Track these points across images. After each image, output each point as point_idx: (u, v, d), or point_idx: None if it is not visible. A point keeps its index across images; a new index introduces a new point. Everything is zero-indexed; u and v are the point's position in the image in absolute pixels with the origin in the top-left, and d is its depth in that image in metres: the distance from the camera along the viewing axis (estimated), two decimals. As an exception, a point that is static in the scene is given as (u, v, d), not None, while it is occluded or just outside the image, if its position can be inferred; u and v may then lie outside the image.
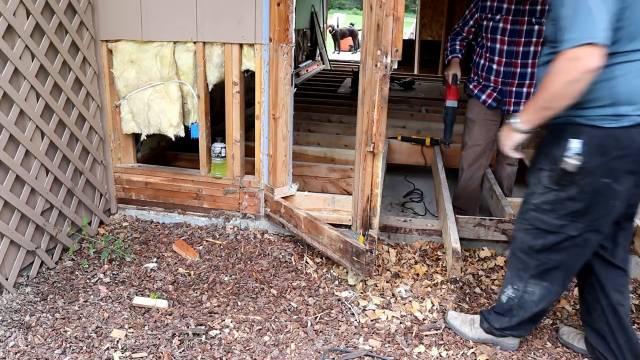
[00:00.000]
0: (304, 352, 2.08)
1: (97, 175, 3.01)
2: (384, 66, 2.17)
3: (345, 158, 3.72)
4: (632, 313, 2.44)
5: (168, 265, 2.70)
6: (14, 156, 2.34)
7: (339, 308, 2.38)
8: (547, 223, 1.85)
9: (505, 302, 2.06)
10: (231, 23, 2.75)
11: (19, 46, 2.31)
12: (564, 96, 1.61)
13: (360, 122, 2.39)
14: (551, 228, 1.85)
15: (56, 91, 2.61)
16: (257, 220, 3.08)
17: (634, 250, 2.58)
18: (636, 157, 1.70)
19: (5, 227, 2.30)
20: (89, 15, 2.80)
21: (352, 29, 15.25)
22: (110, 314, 2.27)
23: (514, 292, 2.02)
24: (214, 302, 2.38)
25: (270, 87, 2.78)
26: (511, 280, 2.03)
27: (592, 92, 1.63)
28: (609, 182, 1.71)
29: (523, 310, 2.02)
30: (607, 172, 1.70)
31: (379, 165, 2.37)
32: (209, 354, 2.05)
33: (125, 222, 3.13)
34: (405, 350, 2.12)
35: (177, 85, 2.93)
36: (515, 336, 2.13)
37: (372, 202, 2.44)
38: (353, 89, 6.48)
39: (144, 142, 3.43)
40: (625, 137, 1.67)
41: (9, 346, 2.04)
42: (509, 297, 2.04)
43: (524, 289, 1.99)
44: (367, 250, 2.32)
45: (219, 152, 3.03)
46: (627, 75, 1.63)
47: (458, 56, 3.10)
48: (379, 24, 2.15)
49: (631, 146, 1.68)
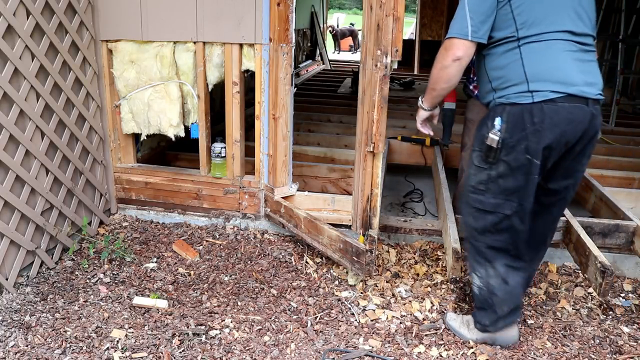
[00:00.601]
0: (304, 352, 2.08)
1: (97, 175, 3.01)
2: (384, 66, 2.17)
3: (345, 158, 3.72)
4: (632, 313, 2.44)
5: (168, 265, 2.70)
6: (14, 156, 2.34)
7: (339, 308, 2.38)
8: (484, 203, 1.97)
9: (479, 294, 2.10)
10: (231, 23, 2.75)
11: (19, 46, 2.31)
12: (440, 79, 1.94)
13: (360, 122, 2.39)
14: (488, 208, 1.96)
15: (56, 91, 2.61)
16: (257, 220, 3.08)
17: (634, 250, 2.58)
18: (551, 131, 1.81)
19: (5, 227, 2.30)
20: (89, 15, 2.80)
21: (352, 29, 15.24)
22: (110, 314, 2.27)
23: (479, 280, 2.08)
24: (214, 302, 2.38)
25: (270, 87, 2.78)
26: (472, 268, 2.11)
27: (508, 74, 1.85)
28: (530, 157, 1.84)
29: (496, 296, 2.05)
30: (527, 147, 1.84)
31: (379, 165, 2.37)
32: (209, 354, 2.05)
33: (125, 222, 3.13)
34: (405, 350, 2.12)
35: (177, 85, 2.93)
36: (509, 325, 2.12)
37: (372, 202, 2.43)
38: (353, 89, 6.48)
39: (144, 142, 3.43)
40: (538, 112, 1.81)
41: (9, 346, 2.04)
42: (478, 287, 2.09)
43: (487, 274, 2.05)
44: (367, 250, 2.32)
45: (219, 152, 3.03)
46: (531, 56, 1.82)
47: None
48: (379, 24, 2.15)
49: (544, 120, 1.81)
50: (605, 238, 2.62)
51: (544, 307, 2.46)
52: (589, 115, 1.84)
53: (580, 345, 2.19)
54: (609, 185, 3.38)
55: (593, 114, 1.86)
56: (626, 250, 2.69)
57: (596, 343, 2.21)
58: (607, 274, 2.13)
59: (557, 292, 2.59)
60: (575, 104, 1.81)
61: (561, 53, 1.82)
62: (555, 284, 2.66)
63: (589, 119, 1.85)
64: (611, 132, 4.72)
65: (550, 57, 1.82)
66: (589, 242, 2.38)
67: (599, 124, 1.92)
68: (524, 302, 2.48)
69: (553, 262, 2.84)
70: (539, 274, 2.73)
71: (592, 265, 2.26)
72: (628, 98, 6.00)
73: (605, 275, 2.14)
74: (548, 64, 1.82)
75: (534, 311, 2.42)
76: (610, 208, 2.85)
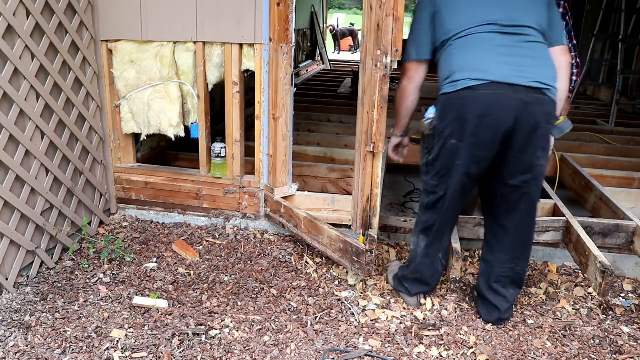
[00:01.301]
0: (304, 352, 2.08)
1: (97, 175, 3.01)
2: (384, 66, 2.17)
3: (345, 158, 3.72)
4: (632, 313, 2.44)
5: (168, 265, 2.70)
6: (14, 156, 2.34)
7: (339, 308, 2.38)
8: (427, 184, 2.19)
9: (410, 253, 2.39)
10: (231, 23, 2.75)
11: (19, 46, 2.31)
12: (401, 99, 2.25)
13: (360, 122, 2.39)
14: (429, 188, 2.18)
15: (56, 91, 2.61)
16: (257, 220, 3.08)
17: (634, 250, 2.58)
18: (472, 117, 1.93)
19: (5, 227, 2.30)
20: (89, 15, 2.80)
21: (352, 29, 15.24)
22: (110, 314, 2.27)
23: (413, 245, 2.34)
24: (214, 302, 2.38)
25: (270, 87, 2.78)
26: (413, 233, 2.37)
27: (443, 70, 2.05)
28: (455, 142, 2.00)
29: (414, 263, 2.32)
30: (452, 133, 2.00)
31: (379, 165, 2.37)
32: (209, 354, 2.05)
33: (125, 222, 3.13)
34: (405, 350, 2.12)
35: (177, 85, 2.93)
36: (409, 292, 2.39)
37: (372, 202, 2.44)
38: (353, 89, 6.47)
39: (144, 142, 3.43)
40: (459, 99, 1.97)
41: (9, 346, 2.04)
42: (411, 249, 2.37)
43: (417, 242, 2.30)
44: (367, 250, 2.32)
45: (219, 152, 3.03)
46: (456, 51, 2.01)
47: None
48: (379, 24, 2.15)
49: (465, 107, 1.96)
50: (605, 238, 2.62)
51: (544, 307, 2.46)
52: (516, 102, 1.90)
53: (580, 345, 2.19)
54: (609, 185, 3.38)
55: (525, 101, 1.91)
56: (626, 250, 2.69)
57: (596, 343, 2.21)
58: (607, 274, 2.13)
59: (557, 292, 2.59)
60: (498, 91, 1.91)
61: (483, 44, 1.98)
62: (555, 284, 2.66)
63: (519, 106, 1.91)
64: (611, 132, 4.72)
65: (472, 49, 1.98)
66: (589, 242, 2.38)
67: (541, 113, 1.95)
68: (524, 302, 2.48)
69: (553, 262, 2.84)
70: (538, 273, 2.73)
71: (592, 265, 2.26)
72: (628, 98, 6.00)
73: (605, 275, 2.14)
74: (470, 55, 1.98)
75: (534, 311, 2.42)
76: (610, 208, 2.85)
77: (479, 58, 1.96)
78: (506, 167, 2.04)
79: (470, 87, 1.94)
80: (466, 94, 1.95)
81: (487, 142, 1.97)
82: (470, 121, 1.94)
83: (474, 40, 1.98)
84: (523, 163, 2.02)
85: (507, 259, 2.20)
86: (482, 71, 1.93)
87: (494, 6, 2.00)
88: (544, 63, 2.00)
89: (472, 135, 1.95)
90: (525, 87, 1.91)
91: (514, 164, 2.02)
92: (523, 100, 1.91)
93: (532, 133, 1.96)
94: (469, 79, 1.94)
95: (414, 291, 2.39)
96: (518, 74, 1.92)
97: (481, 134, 1.95)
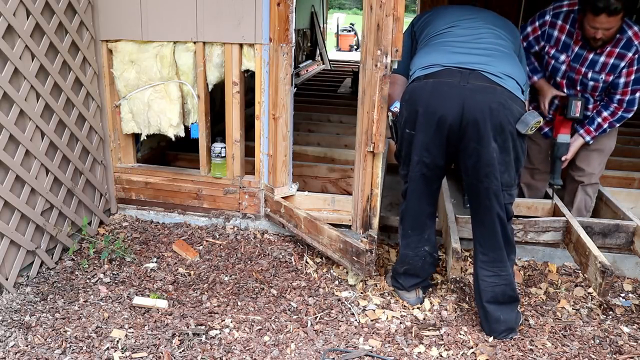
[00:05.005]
0: (304, 352, 2.08)
1: (97, 175, 3.01)
2: (384, 66, 2.17)
3: (345, 158, 3.72)
4: (632, 313, 2.44)
5: (168, 265, 2.70)
6: (14, 156, 2.34)
7: (339, 308, 2.38)
8: (400, 173, 2.30)
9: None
10: (231, 23, 2.75)
11: (19, 46, 2.31)
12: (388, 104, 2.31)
13: (360, 122, 2.39)
14: (401, 177, 2.30)
15: (56, 91, 2.60)
16: (257, 220, 3.08)
17: (634, 250, 2.58)
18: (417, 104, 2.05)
19: (5, 227, 2.30)
20: (89, 15, 2.80)
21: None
22: (110, 314, 2.27)
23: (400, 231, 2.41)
24: (214, 302, 2.38)
25: (270, 87, 2.78)
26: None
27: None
28: (409, 131, 2.11)
29: (399, 255, 2.40)
30: (405, 121, 2.12)
31: (379, 165, 2.37)
32: (209, 354, 2.05)
33: (125, 222, 3.13)
34: (405, 350, 2.12)
35: (177, 85, 2.93)
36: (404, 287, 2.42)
37: (372, 202, 2.44)
38: (353, 89, 6.47)
39: (144, 142, 3.43)
40: (409, 89, 2.14)
41: (9, 346, 2.04)
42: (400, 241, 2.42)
43: (399, 233, 2.40)
44: (367, 250, 2.32)
45: (219, 152, 3.03)
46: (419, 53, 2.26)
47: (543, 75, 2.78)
48: (379, 24, 2.15)
49: (411, 95, 2.10)
50: (605, 238, 2.62)
51: (544, 307, 2.46)
52: (458, 89, 1.97)
53: (580, 345, 2.19)
54: (609, 185, 3.38)
55: (471, 89, 1.96)
56: (626, 250, 2.69)
57: (596, 343, 2.21)
58: (607, 274, 2.13)
59: (557, 292, 2.59)
60: (441, 80, 2.03)
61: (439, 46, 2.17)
62: (555, 284, 2.66)
63: (463, 93, 1.96)
64: (611, 132, 4.71)
65: (429, 50, 2.20)
66: (589, 242, 2.37)
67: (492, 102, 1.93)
68: (524, 302, 2.48)
69: (553, 262, 2.84)
70: (538, 273, 2.73)
71: (592, 265, 2.26)
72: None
73: (605, 275, 2.14)
74: (425, 55, 2.19)
75: (534, 311, 2.42)
76: (610, 208, 2.85)
77: (429, 54, 2.17)
78: (463, 157, 2.06)
79: (417, 77, 2.11)
80: (416, 84, 2.10)
81: (432, 131, 2.04)
82: (415, 109, 2.06)
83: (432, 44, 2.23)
84: (477, 153, 1.99)
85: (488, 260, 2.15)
86: (430, 65, 2.10)
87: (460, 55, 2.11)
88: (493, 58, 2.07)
89: (421, 123, 2.06)
90: (473, 72, 1.97)
91: (469, 154, 2.02)
92: (468, 89, 1.93)
93: (483, 122, 1.93)
94: (420, 68, 2.13)
95: (407, 284, 2.42)
96: (469, 60, 2.04)
97: (427, 122, 2.04)
